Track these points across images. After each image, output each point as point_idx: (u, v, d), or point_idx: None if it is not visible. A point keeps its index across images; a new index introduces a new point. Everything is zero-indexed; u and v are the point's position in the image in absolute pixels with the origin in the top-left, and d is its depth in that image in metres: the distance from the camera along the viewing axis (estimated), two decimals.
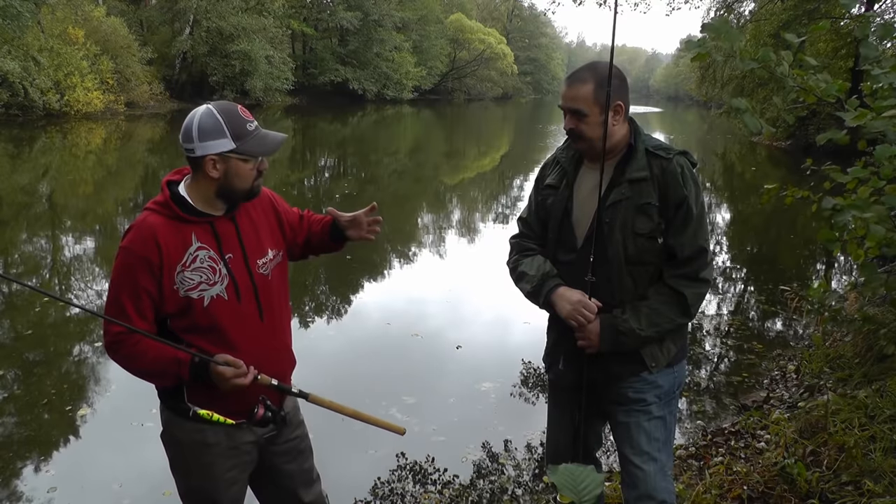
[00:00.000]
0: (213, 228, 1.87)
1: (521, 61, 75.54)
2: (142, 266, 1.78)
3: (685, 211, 1.97)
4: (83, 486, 3.44)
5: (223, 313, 1.85)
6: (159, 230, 1.80)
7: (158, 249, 1.78)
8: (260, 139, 1.84)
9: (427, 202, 13.17)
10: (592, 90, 1.97)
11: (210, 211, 1.87)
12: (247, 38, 35.10)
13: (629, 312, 2.00)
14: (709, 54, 2.11)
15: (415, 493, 3.39)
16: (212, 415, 1.85)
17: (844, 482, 2.87)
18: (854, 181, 2.60)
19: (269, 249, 1.99)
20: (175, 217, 1.83)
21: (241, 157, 1.82)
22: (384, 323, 5.93)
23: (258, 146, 1.84)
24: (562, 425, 2.30)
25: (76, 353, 5.18)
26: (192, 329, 1.85)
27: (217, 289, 1.84)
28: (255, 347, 1.91)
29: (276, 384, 1.90)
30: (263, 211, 2.04)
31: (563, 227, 2.12)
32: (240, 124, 1.81)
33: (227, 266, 1.86)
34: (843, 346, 4.50)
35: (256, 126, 1.85)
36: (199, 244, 1.83)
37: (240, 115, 1.83)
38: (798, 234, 9.87)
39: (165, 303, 1.81)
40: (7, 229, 9.27)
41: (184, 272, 1.80)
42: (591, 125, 1.99)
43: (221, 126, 1.78)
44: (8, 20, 21.66)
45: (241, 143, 1.80)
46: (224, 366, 1.79)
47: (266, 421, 1.90)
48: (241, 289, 1.89)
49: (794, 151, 20.30)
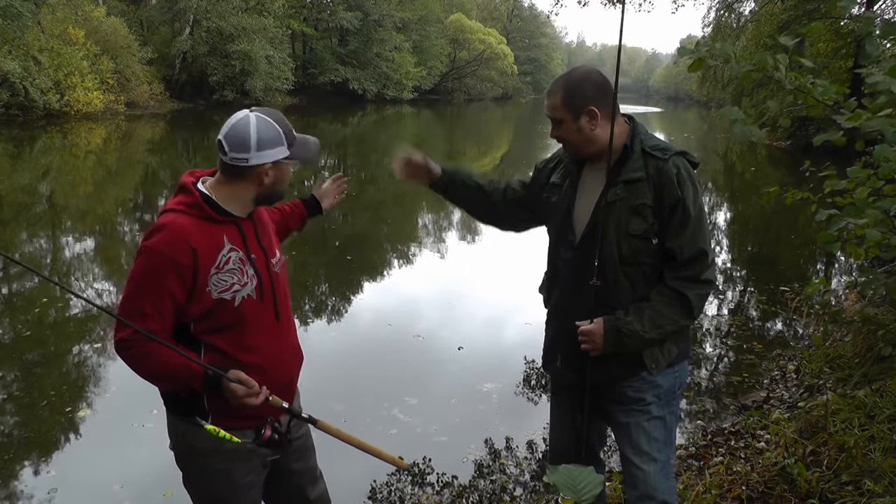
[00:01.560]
0: (239, 229, 1.86)
1: (521, 61, 75.53)
2: (170, 268, 1.71)
3: (681, 212, 1.97)
4: (83, 487, 3.44)
5: (251, 313, 1.86)
6: (192, 232, 1.75)
7: (192, 252, 1.73)
8: (303, 144, 1.89)
9: (427, 202, 13.16)
10: (561, 99, 2.04)
11: (237, 212, 1.87)
12: (247, 38, 35.08)
13: (632, 314, 2.00)
14: (704, 61, 2.11)
15: (415, 494, 3.39)
16: (219, 431, 1.79)
17: (844, 482, 2.87)
18: (852, 183, 2.60)
19: (276, 249, 2.02)
20: (207, 218, 1.79)
21: (289, 163, 1.86)
22: (385, 324, 5.93)
23: (306, 151, 1.89)
24: (563, 425, 2.31)
25: (76, 354, 5.19)
26: (216, 330, 1.82)
27: (247, 289, 1.84)
28: (274, 346, 1.93)
29: (287, 407, 1.88)
30: (268, 212, 2.10)
31: (564, 225, 2.14)
32: (290, 131, 1.85)
33: (253, 266, 1.87)
34: (843, 346, 4.50)
35: (308, 138, 1.92)
36: (231, 245, 1.82)
37: (286, 121, 1.87)
38: (798, 234, 9.87)
39: (193, 305, 1.77)
40: (7, 229, 9.28)
41: (217, 274, 1.78)
42: (570, 131, 2.06)
43: (280, 135, 1.80)
44: (8, 20, 21.64)
45: (293, 149, 1.84)
46: (237, 384, 1.76)
47: (272, 443, 1.88)
48: (265, 289, 1.90)
49: (794, 151, 20.30)
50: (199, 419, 1.81)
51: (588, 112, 2.01)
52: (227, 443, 1.82)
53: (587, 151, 2.08)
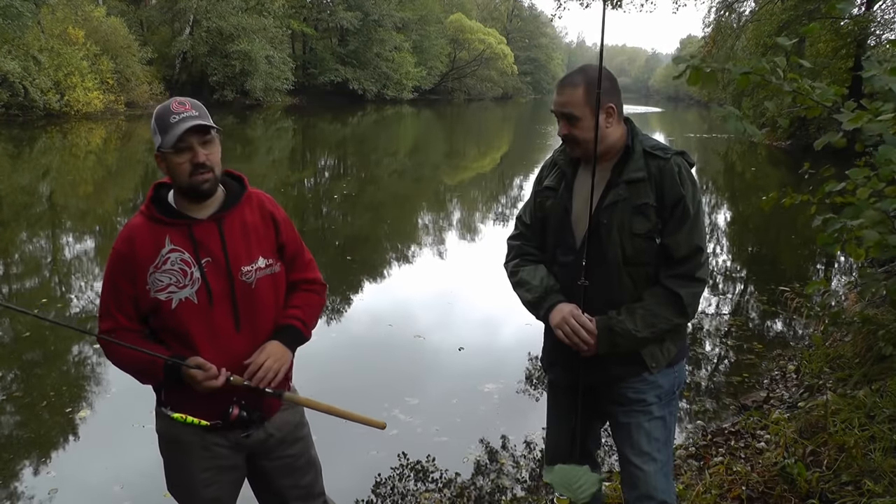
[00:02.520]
0: (189, 231, 1.84)
1: (521, 61, 75.52)
2: (121, 265, 1.84)
3: (682, 210, 1.97)
4: (84, 488, 3.44)
5: (191, 317, 1.83)
6: (137, 232, 1.85)
7: (133, 250, 1.83)
8: (175, 127, 1.75)
9: (427, 202, 13.17)
10: (583, 94, 1.97)
11: (192, 213, 1.86)
12: (247, 38, 35.11)
13: (624, 314, 2.00)
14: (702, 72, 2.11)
15: (416, 493, 3.39)
16: (185, 417, 1.86)
17: (844, 482, 2.87)
18: (852, 184, 2.60)
19: (259, 257, 1.92)
20: (152, 218, 1.86)
21: (170, 150, 1.77)
22: (385, 324, 5.93)
23: (170, 136, 1.75)
24: (561, 426, 2.30)
25: (76, 354, 5.19)
26: (164, 330, 1.87)
27: (186, 292, 1.82)
28: (225, 355, 1.86)
29: (249, 384, 1.86)
30: (263, 219, 1.96)
31: (562, 227, 2.12)
32: (165, 117, 1.76)
33: (201, 270, 1.83)
34: (843, 346, 4.50)
35: (184, 117, 1.76)
36: (172, 246, 1.83)
37: (170, 108, 1.78)
38: (798, 234, 9.87)
39: (139, 302, 1.85)
40: (7, 229, 9.28)
41: (155, 273, 1.82)
42: (585, 129, 1.99)
43: (153, 124, 1.81)
44: (8, 20, 21.66)
45: (164, 137, 1.77)
46: (196, 369, 1.80)
47: (242, 422, 1.88)
48: (215, 294, 1.84)
49: (794, 151, 20.30)
50: (164, 409, 1.92)
51: (606, 109, 1.99)
52: (185, 437, 1.91)
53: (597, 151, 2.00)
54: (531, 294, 2.13)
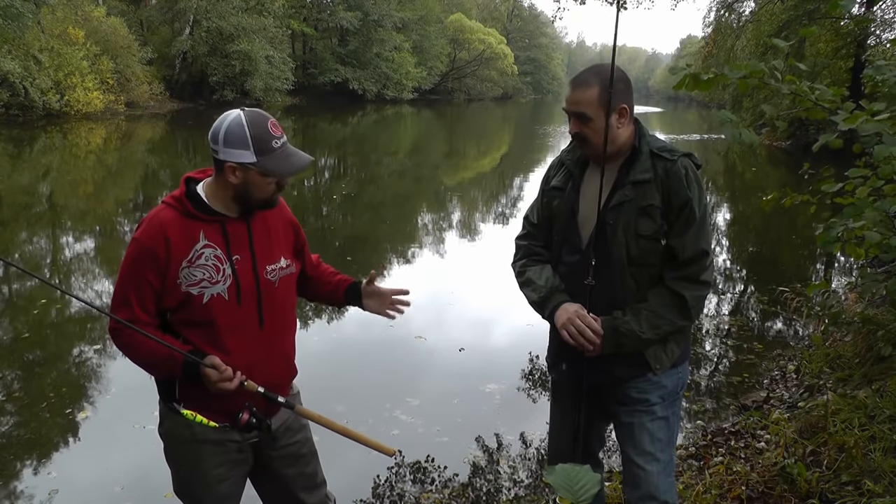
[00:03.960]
0: (223, 228, 1.87)
1: (521, 61, 75.50)
2: (148, 258, 1.80)
3: (688, 212, 1.97)
4: (84, 489, 3.44)
5: (220, 313, 1.86)
6: (169, 225, 1.82)
7: (166, 243, 1.80)
8: (283, 158, 1.82)
9: (427, 202, 13.17)
10: (597, 94, 1.96)
11: (224, 211, 1.88)
12: (247, 38, 35.09)
13: (629, 314, 2.00)
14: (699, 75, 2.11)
15: (416, 493, 3.40)
16: (195, 416, 1.86)
17: (844, 482, 2.87)
18: (851, 185, 2.60)
19: (281, 257, 1.99)
20: (186, 213, 1.84)
21: (261, 171, 1.81)
22: (386, 324, 5.92)
23: (279, 166, 1.82)
24: (563, 426, 2.30)
25: (76, 354, 5.19)
26: (188, 324, 1.87)
27: (218, 288, 1.85)
28: (249, 353, 1.90)
29: (262, 392, 1.88)
30: (282, 222, 2.04)
31: (569, 227, 2.12)
32: (265, 140, 1.79)
33: (232, 267, 1.87)
34: (843, 346, 4.50)
35: (284, 143, 1.84)
36: (206, 242, 1.84)
37: (268, 129, 1.81)
38: (798, 234, 9.87)
39: (166, 296, 1.83)
40: (7, 229, 9.28)
41: (188, 268, 1.82)
42: (597, 129, 1.97)
43: (246, 138, 1.78)
44: (8, 20, 21.65)
45: (263, 159, 1.79)
46: (211, 368, 1.80)
47: (250, 427, 1.90)
48: (244, 292, 1.89)
49: (794, 151, 20.31)
50: (175, 404, 1.90)
51: (619, 110, 1.98)
52: (199, 432, 1.90)
53: (606, 152, 1.99)
54: (536, 294, 2.14)
